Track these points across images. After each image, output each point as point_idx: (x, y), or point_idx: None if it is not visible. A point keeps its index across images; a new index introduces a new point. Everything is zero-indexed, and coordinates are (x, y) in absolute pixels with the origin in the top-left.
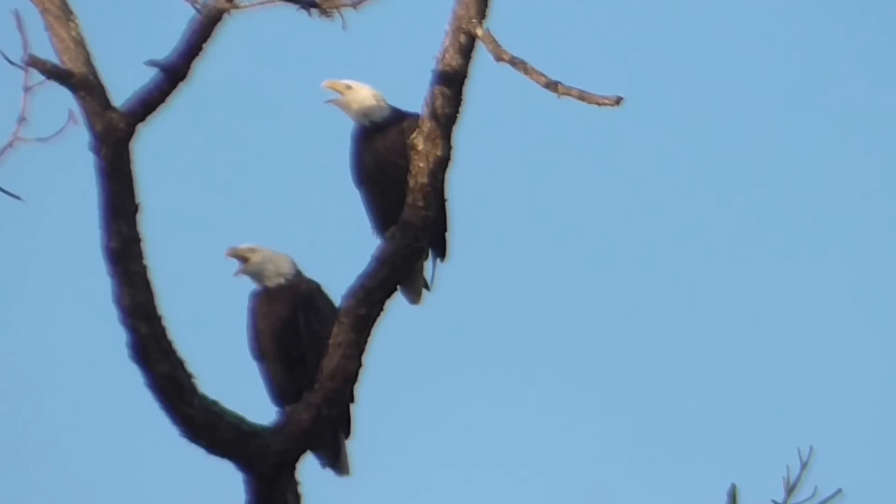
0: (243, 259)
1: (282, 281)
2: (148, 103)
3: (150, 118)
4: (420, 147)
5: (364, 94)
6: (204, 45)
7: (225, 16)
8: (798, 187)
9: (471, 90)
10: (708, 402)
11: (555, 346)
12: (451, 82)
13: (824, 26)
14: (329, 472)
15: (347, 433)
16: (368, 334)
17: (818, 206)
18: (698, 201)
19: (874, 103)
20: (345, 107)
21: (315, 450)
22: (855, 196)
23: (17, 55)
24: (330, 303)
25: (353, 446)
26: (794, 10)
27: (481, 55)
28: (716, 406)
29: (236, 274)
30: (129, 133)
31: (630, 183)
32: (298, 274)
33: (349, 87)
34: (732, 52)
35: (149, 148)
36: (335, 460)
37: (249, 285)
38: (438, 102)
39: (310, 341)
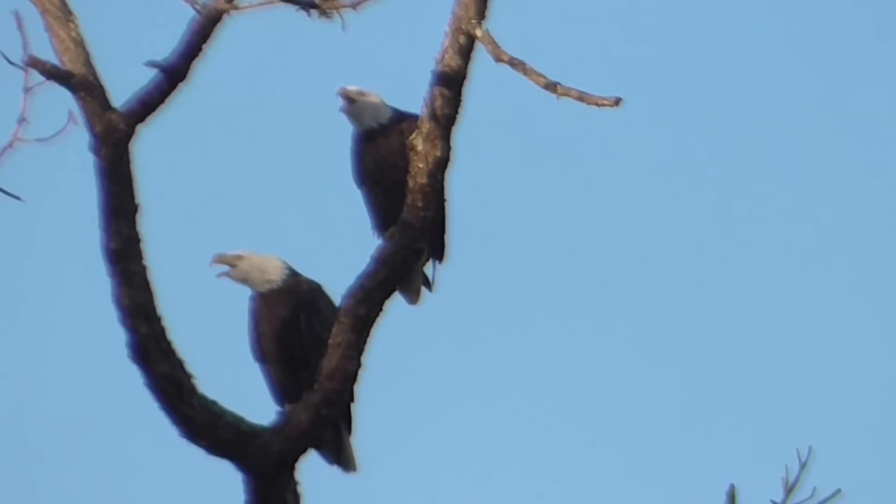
0: (231, 265)
1: (273, 286)
2: (147, 104)
3: (149, 119)
4: (419, 148)
5: (374, 101)
6: (203, 46)
7: (224, 17)
8: (797, 188)
9: (470, 91)
10: (707, 403)
11: (554, 345)
12: (451, 83)
13: (824, 26)
14: (334, 470)
15: (350, 430)
16: (368, 335)
17: (818, 207)
18: (697, 202)
19: (875, 103)
20: (356, 112)
21: (317, 448)
22: (855, 196)
23: (18, 56)
24: (331, 303)
25: (354, 445)
26: (794, 10)
27: (481, 56)
28: (715, 406)
29: (219, 276)
30: (129, 134)
31: (629, 184)
32: (293, 274)
33: (362, 94)
34: (732, 53)
35: (148, 148)
36: (339, 458)
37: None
38: (438, 103)
39: (312, 342)
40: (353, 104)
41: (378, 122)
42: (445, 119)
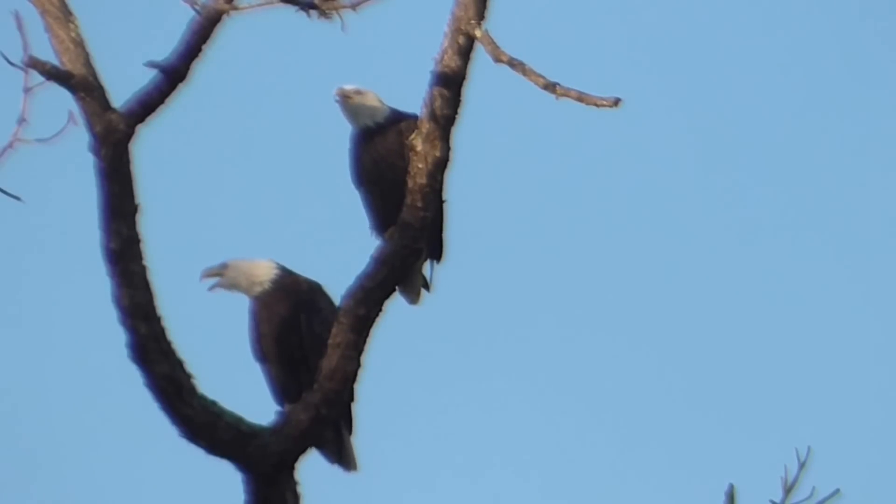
0: (218, 275)
1: (264, 287)
2: (147, 104)
3: (149, 119)
4: (419, 148)
5: (371, 99)
6: (203, 47)
7: (224, 17)
8: (796, 187)
9: (469, 91)
10: (706, 402)
11: (553, 346)
12: (450, 83)
13: (824, 26)
14: (334, 469)
15: (350, 430)
16: (367, 335)
17: (817, 206)
18: (697, 202)
19: (874, 102)
20: (352, 111)
21: (318, 448)
22: (854, 195)
23: (18, 56)
24: (331, 303)
25: (355, 444)
26: (794, 10)
27: (480, 56)
28: (714, 406)
29: (211, 289)
30: (129, 134)
31: (628, 184)
32: (286, 274)
33: (359, 93)
34: (732, 53)
35: (148, 149)
36: (340, 457)
37: None
38: (437, 103)
39: (312, 342)
40: (348, 100)
41: (374, 120)
42: (445, 119)
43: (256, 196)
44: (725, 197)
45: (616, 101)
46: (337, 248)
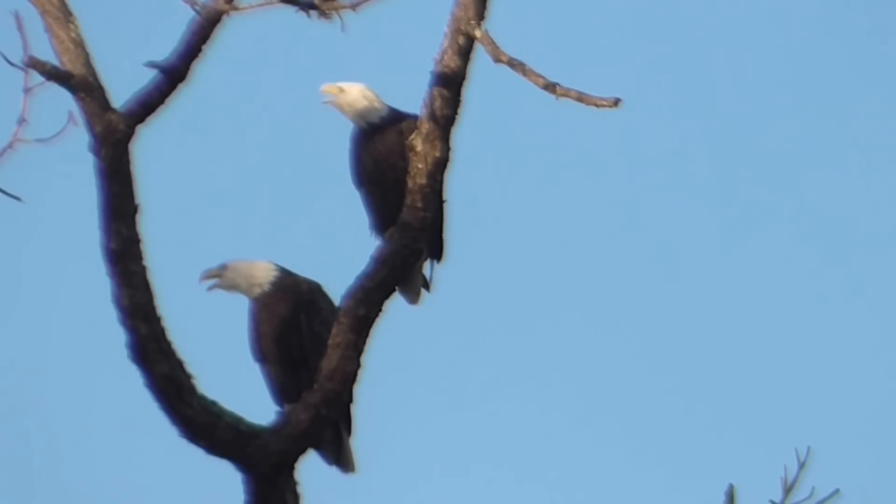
0: (217, 277)
1: (264, 288)
2: (147, 105)
3: (149, 119)
4: (419, 148)
5: (355, 96)
6: (203, 47)
7: (224, 17)
8: (797, 188)
9: (469, 91)
10: (706, 403)
11: (553, 346)
12: (450, 84)
13: (823, 26)
14: (333, 471)
15: (349, 431)
16: (367, 335)
17: (817, 206)
18: (697, 202)
19: (874, 102)
20: (341, 109)
21: (317, 448)
22: (855, 196)
23: (18, 56)
24: (331, 303)
25: (354, 446)
26: (795, 10)
27: (480, 56)
28: (714, 406)
29: (210, 290)
30: (129, 134)
31: (628, 184)
32: (286, 275)
33: (342, 90)
34: (732, 53)
35: (148, 149)
36: (339, 458)
37: None
38: (437, 104)
39: (311, 343)
40: (334, 98)
41: (368, 120)
42: (445, 120)
43: (256, 196)
44: (725, 197)
45: (616, 101)
46: (337, 248)
